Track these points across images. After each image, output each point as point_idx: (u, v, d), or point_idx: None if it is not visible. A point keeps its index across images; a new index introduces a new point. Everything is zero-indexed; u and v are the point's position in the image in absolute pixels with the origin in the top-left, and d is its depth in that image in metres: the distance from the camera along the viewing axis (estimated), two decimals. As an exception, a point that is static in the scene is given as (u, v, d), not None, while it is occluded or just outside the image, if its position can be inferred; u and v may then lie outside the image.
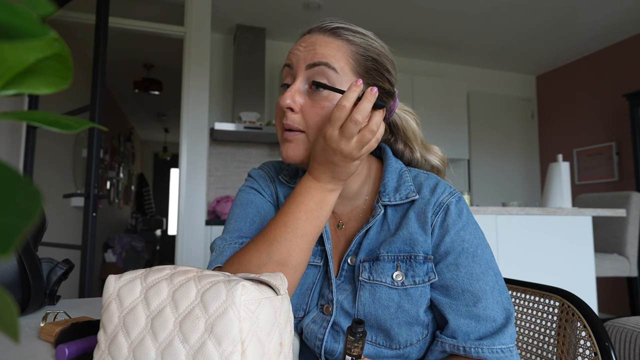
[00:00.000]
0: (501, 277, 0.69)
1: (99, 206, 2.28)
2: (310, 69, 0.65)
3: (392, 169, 0.73)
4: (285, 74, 0.69)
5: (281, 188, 0.79)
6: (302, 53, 0.66)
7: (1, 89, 0.18)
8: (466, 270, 0.65)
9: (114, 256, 5.21)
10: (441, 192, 0.69)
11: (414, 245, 0.66)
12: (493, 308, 0.65)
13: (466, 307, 0.64)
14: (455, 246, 0.66)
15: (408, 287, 0.65)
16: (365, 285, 0.67)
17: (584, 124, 4.28)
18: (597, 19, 3.56)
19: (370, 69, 0.67)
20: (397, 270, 0.66)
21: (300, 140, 0.66)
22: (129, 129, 7.03)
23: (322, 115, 0.64)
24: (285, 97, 0.64)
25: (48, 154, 3.09)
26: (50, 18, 1.60)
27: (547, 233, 2.34)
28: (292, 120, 0.65)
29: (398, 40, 3.82)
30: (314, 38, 0.67)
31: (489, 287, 0.65)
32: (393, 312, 0.65)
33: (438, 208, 0.68)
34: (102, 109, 2.16)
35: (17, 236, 0.14)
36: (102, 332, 0.50)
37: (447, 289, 0.66)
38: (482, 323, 0.64)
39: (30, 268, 0.84)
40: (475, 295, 0.64)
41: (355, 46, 0.67)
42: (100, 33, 2.18)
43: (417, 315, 0.65)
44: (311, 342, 0.69)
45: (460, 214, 0.68)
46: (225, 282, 0.46)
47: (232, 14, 3.48)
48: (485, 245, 0.68)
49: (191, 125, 2.84)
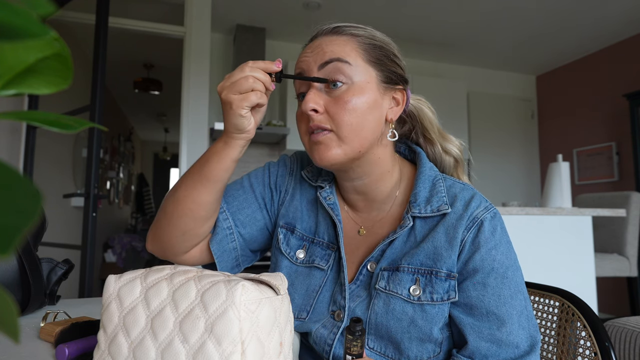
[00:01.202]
0: (529, 303, 0.66)
1: (99, 206, 2.28)
2: (323, 68, 0.65)
3: (426, 176, 0.71)
4: (298, 84, 0.69)
5: (297, 184, 0.79)
6: (310, 57, 0.67)
7: (1, 89, 0.18)
8: (494, 292, 0.63)
9: (114, 256, 5.21)
10: (476, 206, 0.66)
11: (437, 261, 0.64)
12: (518, 334, 0.62)
13: (489, 330, 0.62)
14: (485, 265, 0.63)
15: (424, 303, 0.63)
16: (381, 294, 0.65)
17: (584, 124, 4.28)
18: (597, 19, 3.56)
19: (380, 56, 0.68)
20: (416, 284, 0.64)
21: (331, 139, 0.65)
22: (129, 129, 7.03)
23: (347, 109, 0.64)
24: (307, 101, 0.64)
25: (48, 153, 3.09)
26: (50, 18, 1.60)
27: (547, 233, 2.34)
28: (319, 121, 0.64)
29: (398, 40, 3.77)
30: (319, 41, 0.68)
31: (516, 312, 0.62)
32: (405, 326, 0.63)
33: (472, 223, 0.65)
34: (102, 109, 2.16)
35: (17, 236, 0.14)
36: (102, 332, 0.50)
37: (471, 308, 0.63)
38: (503, 348, 0.61)
39: (30, 268, 0.84)
40: (500, 319, 0.62)
41: (360, 37, 0.67)
42: (100, 33, 2.18)
43: (431, 332, 0.63)
44: (320, 347, 0.68)
45: (494, 232, 0.65)
46: (225, 282, 0.46)
47: (232, 14, 3.48)
48: (516, 267, 0.66)
49: (191, 125, 2.83)
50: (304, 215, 0.76)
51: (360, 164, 0.67)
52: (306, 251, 0.74)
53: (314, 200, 0.77)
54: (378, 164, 0.69)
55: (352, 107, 0.64)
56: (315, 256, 0.73)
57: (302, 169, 0.79)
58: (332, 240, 0.73)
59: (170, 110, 6.47)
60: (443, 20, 3.58)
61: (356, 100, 0.64)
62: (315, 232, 0.75)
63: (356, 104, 0.64)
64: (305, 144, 0.68)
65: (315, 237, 0.74)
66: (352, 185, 0.71)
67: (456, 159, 0.80)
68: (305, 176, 0.78)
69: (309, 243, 0.74)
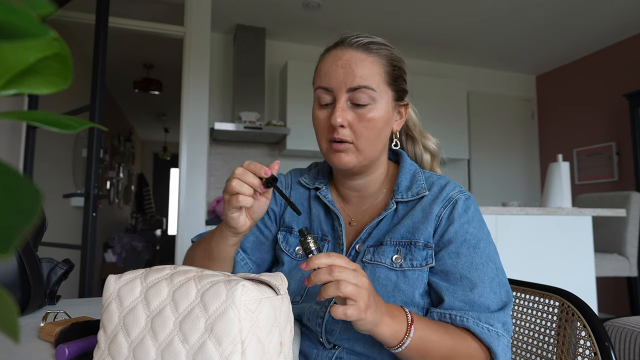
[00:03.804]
0: (503, 274, 0.72)
1: (99, 206, 2.28)
2: (352, 92, 0.72)
3: (407, 170, 0.81)
4: (321, 93, 0.75)
5: (295, 191, 0.88)
6: (341, 76, 0.73)
7: (1, 88, 0.18)
8: (466, 259, 0.70)
9: (114, 256, 5.21)
10: (451, 189, 0.76)
11: (415, 233, 0.73)
12: (488, 297, 0.68)
13: (462, 291, 0.69)
14: (458, 236, 0.71)
15: (406, 269, 0.71)
16: (367, 265, 0.74)
17: (584, 124, 4.28)
18: (597, 20, 3.56)
19: (396, 76, 0.77)
20: (397, 254, 0.73)
21: (350, 149, 0.74)
22: (129, 129, 7.03)
23: (369, 127, 0.73)
24: (337, 116, 0.72)
25: (48, 153, 3.09)
26: (50, 18, 1.60)
27: (547, 233, 2.34)
28: (343, 135, 0.73)
29: (398, 40, 3.82)
30: (348, 55, 0.74)
31: (488, 278, 0.69)
32: (390, 291, 0.71)
33: (447, 202, 0.74)
34: (102, 109, 2.16)
35: (17, 236, 0.14)
36: (102, 332, 0.50)
37: (447, 274, 0.71)
38: (475, 308, 0.68)
39: (30, 268, 0.84)
40: (472, 282, 0.69)
41: (384, 59, 0.75)
42: (100, 33, 2.18)
43: (413, 296, 0.70)
44: (313, 322, 0.73)
45: (467, 209, 0.73)
46: (225, 282, 0.46)
47: (232, 14, 3.48)
48: (488, 241, 0.73)
49: (191, 125, 2.83)
50: (299, 217, 0.86)
51: (367, 166, 0.78)
52: None
53: (306, 202, 0.87)
54: (378, 165, 0.81)
55: (372, 125, 0.73)
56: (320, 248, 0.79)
57: (299, 178, 0.89)
58: (325, 233, 0.82)
59: (170, 110, 6.46)
60: (443, 21, 3.58)
61: (376, 119, 0.74)
62: (309, 228, 0.85)
63: (376, 123, 0.74)
64: (323, 147, 0.77)
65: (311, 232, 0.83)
66: (352, 183, 0.81)
67: (433, 154, 0.91)
68: (303, 182, 0.88)
69: None
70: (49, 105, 3.06)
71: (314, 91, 0.78)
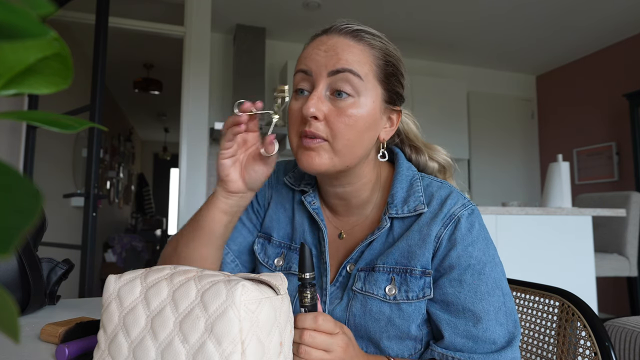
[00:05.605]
0: (510, 299, 0.65)
1: (99, 206, 2.28)
2: (333, 76, 0.62)
3: (403, 176, 0.70)
4: (299, 79, 0.65)
5: (275, 193, 0.78)
6: (322, 58, 0.62)
7: (1, 88, 0.18)
8: (470, 288, 0.62)
9: (114, 256, 5.21)
10: (453, 203, 0.66)
11: (411, 259, 0.64)
12: (495, 330, 0.61)
13: (465, 326, 0.61)
14: (461, 262, 0.63)
15: (400, 302, 0.63)
16: (358, 295, 0.65)
17: (584, 124, 4.27)
18: (597, 20, 3.56)
19: (390, 74, 0.66)
20: (391, 283, 0.64)
21: (323, 148, 0.62)
22: (129, 129, 7.03)
23: (349, 124, 0.61)
24: (309, 105, 0.60)
25: (48, 153, 3.09)
26: (50, 18, 1.60)
27: (547, 233, 2.34)
28: (315, 128, 0.61)
29: (398, 40, 3.78)
30: (334, 41, 0.63)
31: (493, 308, 0.62)
32: (383, 325, 0.63)
33: (449, 220, 0.64)
34: (102, 108, 2.16)
35: (17, 236, 0.14)
36: (102, 332, 0.50)
37: (448, 304, 0.63)
38: (479, 344, 0.61)
39: (30, 268, 0.84)
40: (476, 316, 0.61)
41: (376, 50, 0.65)
42: (100, 33, 2.18)
43: (409, 330, 0.63)
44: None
45: (471, 229, 0.64)
46: (225, 282, 0.46)
47: (232, 14, 3.48)
48: (495, 263, 0.65)
49: (191, 125, 2.83)
50: (280, 222, 0.76)
51: (344, 175, 0.67)
52: (284, 258, 0.74)
53: (289, 205, 0.76)
54: (361, 175, 0.69)
55: (352, 122, 0.62)
56: (293, 263, 0.72)
57: (284, 176, 0.78)
58: (309, 245, 0.71)
59: (170, 110, 6.46)
60: (443, 20, 3.58)
61: (357, 117, 0.62)
62: (291, 238, 0.75)
63: (357, 120, 0.62)
64: (293, 143, 0.66)
65: (292, 243, 0.74)
66: (334, 190, 0.70)
67: (443, 165, 0.79)
68: (288, 182, 0.77)
69: (287, 250, 0.74)
70: (49, 105, 3.06)
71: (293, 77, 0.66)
